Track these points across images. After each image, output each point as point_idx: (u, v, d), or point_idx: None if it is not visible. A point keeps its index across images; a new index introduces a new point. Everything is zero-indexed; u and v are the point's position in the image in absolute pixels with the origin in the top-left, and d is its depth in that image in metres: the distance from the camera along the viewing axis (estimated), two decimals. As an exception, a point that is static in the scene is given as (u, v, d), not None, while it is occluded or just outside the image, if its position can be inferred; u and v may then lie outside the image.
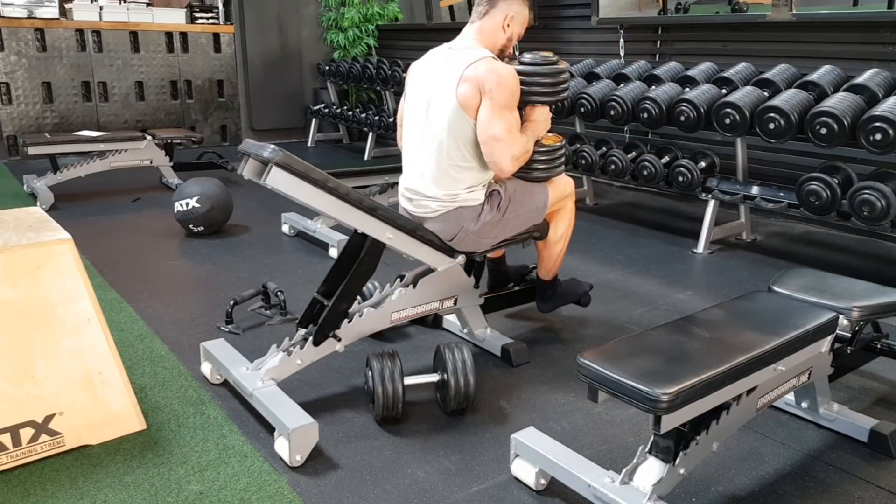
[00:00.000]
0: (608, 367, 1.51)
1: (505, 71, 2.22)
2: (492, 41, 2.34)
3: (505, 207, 2.35)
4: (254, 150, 2.06)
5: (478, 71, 2.19)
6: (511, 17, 2.34)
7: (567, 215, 2.58)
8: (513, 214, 2.38)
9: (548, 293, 2.68)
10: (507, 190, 2.37)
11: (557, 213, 2.55)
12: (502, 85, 2.20)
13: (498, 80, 2.19)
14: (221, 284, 3.27)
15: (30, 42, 5.93)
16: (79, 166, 4.73)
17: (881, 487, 1.84)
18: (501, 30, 2.34)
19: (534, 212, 2.44)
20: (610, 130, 4.89)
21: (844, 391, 2.32)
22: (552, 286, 2.67)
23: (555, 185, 2.49)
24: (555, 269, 2.64)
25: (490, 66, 2.21)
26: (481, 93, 2.19)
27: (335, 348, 2.21)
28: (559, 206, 2.53)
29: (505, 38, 2.36)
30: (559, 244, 2.58)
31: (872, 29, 3.76)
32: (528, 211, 2.42)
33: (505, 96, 2.21)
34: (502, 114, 2.21)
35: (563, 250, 2.60)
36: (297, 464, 1.90)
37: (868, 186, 3.07)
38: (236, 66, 7.00)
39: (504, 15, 2.33)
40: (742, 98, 3.50)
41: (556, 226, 2.56)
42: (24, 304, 1.85)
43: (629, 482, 1.61)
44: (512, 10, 2.34)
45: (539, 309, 2.71)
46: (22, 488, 1.81)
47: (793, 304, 1.91)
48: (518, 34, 2.39)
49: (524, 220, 2.43)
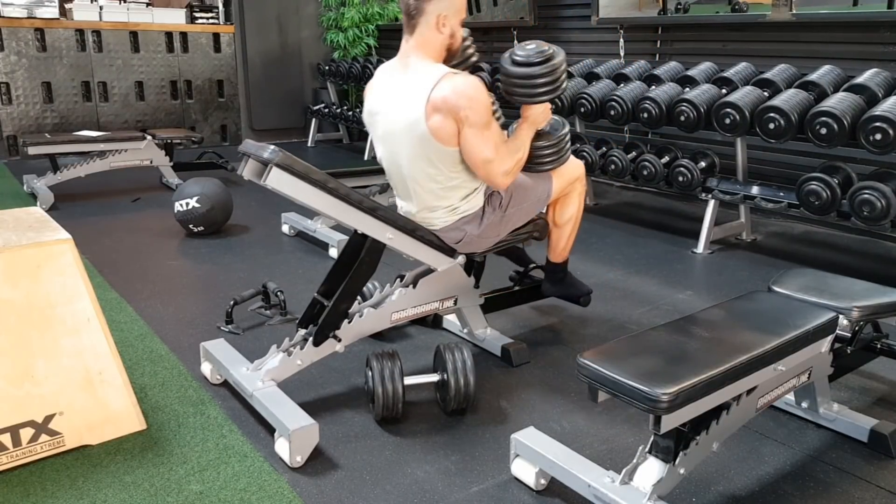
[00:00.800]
0: (608, 367, 1.51)
1: (471, 88, 2.09)
2: (435, 50, 2.18)
3: (507, 204, 2.34)
4: (254, 151, 2.06)
5: (444, 95, 2.07)
6: (443, 15, 2.14)
7: (577, 197, 2.53)
8: (514, 209, 2.37)
9: (557, 276, 2.65)
10: (510, 190, 2.35)
11: (567, 196, 2.51)
12: (475, 106, 2.09)
13: (469, 102, 2.08)
14: (221, 284, 3.27)
15: (30, 42, 5.93)
16: (79, 166, 4.73)
17: (881, 487, 1.84)
18: (438, 32, 2.16)
19: (536, 203, 2.42)
20: (610, 130, 4.89)
21: (844, 391, 2.32)
22: (562, 270, 2.64)
23: (562, 171, 2.45)
24: (565, 252, 2.60)
25: (454, 86, 2.08)
26: (457, 121, 2.09)
27: (335, 349, 2.21)
28: (568, 189, 2.50)
29: (446, 39, 2.19)
30: (569, 225, 2.54)
31: (872, 29, 3.76)
32: (530, 203, 2.40)
33: (481, 114, 2.10)
34: (485, 135, 2.12)
35: (573, 232, 2.57)
36: (297, 465, 1.90)
37: (868, 186, 3.07)
38: (236, 66, 7.00)
39: (435, 17, 2.14)
40: (742, 98, 3.50)
41: (565, 208, 2.52)
42: (24, 304, 1.85)
43: (629, 482, 1.61)
44: (440, 8, 2.14)
45: (543, 291, 2.69)
46: (22, 488, 1.81)
47: (793, 304, 1.91)
48: (457, 25, 2.21)
49: (526, 212, 2.41)
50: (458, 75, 2.13)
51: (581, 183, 2.54)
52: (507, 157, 2.20)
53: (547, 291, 2.69)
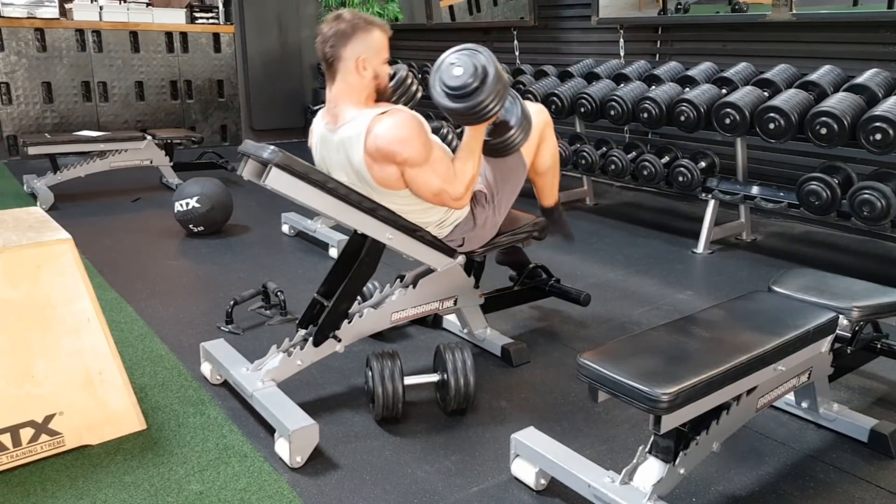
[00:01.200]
0: (608, 367, 1.51)
1: (401, 129, 2.02)
2: (361, 94, 2.09)
3: (492, 195, 2.34)
4: (253, 151, 2.06)
5: (377, 145, 2.01)
6: (362, 58, 2.05)
7: (548, 143, 2.49)
8: (501, 194, 2.36)
9: (554, 217, 2.70)
10: (488, 180, 2.35)
11: (541, 145, 2.46)
12: (409, 146, 2.02)
13: (402, 145, 2.01)
14: (221, 284, 3.27)
15: (30, 42, 5.93)
16: (79, 166, 4.73)
17: (881, 487, 1.84)
18: (359, 76, 2.07)
19: (517, 176, 2.41)
20: (610, 130, 4.89)
21: (844, 391, 2.32)
22: (556, 209, 2.70)
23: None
24: (554, 192, 2.65)
25: (384, 131, 2.01)
26: (397, 165, 2.04)
27: (335, 349, 2.21)
28: (538, 138, 2.44)
29: (369, 81, 2.08)
30: (550, 171, 2.55)
31: (872, 29, 3.76)
32: (514, 181, 2.40)
33: (418, 151, 2.04)
34: (427, 169, 2.07)
35: (556, 174, 2.59)
36: (297, 465, 1.90)
37: (868, 186, 3.07)
38: (236, 66, 7.00)
39: (353, 62, 2.05)
40: (742, 98, 3.50)
41: (540, 155, 2.48)
42: (24, 304, 1.85)
43: (629, 482, 1.61)
44: (357, 52, 2.05)
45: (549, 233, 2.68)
46: (22, 488, 1.81)
47: (793, 304, 1.91)
48: (380, 65, 2.10)
49: (512, 188, 2.40)
50: (387, 116, 2.05)
51: (548, 126, 2.48)
52: (457, 181, 2.12)
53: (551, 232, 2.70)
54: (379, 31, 2.10)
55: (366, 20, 2.09)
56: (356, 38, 2.06)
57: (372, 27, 2.08)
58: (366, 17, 2.11)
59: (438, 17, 6.52)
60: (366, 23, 2.08)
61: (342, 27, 2.07)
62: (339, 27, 2.07)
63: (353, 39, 2.06)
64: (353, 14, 2.10)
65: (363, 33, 2.06)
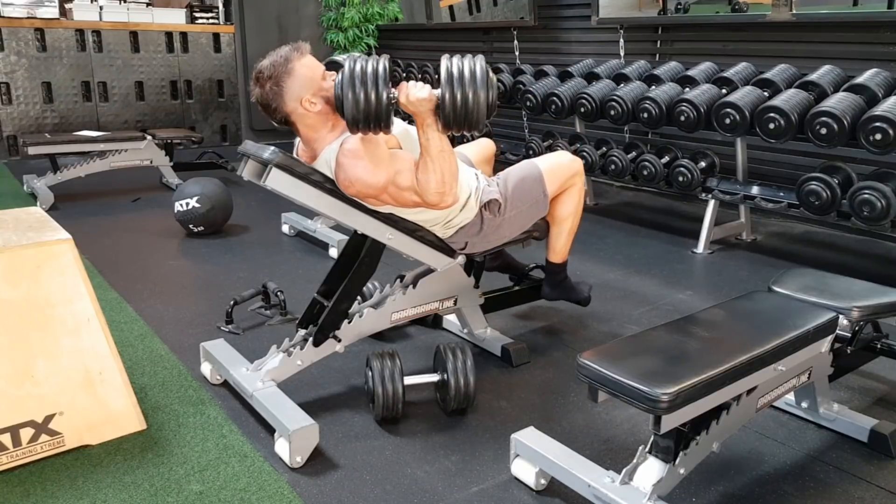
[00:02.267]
0: (608, 367, 1.51)
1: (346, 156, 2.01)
2: (323, 125, 2.09)
3: (505, 209, 2.32)
4: (253, 152, 2.06)
5: (346, 177, 2.02)
6: (304, 98, 2.02)
7: (575, 194, 2.46)
8: (514, 213, 2.34)
9: (556, 278, 2.58)
10: (504, 192, 2.33)
11: (565, 192, 2.44)
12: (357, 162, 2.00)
13: (363, 172, 2.00)
14: (221, 284, 3.27)
15: (30, 42, 5.93)
16: (79, 166, 4.73)
17: (881, 487, 1.84)
18: (313, 112, 2.05)
19: (534, 206, 2.38)
20: (610, 130, 4.89)
21: (844, 391, 2.32)
22: (561, 271, 2.57)
23: (558, 168, 2.41)
24: (564, 251, 2.53)
25: (344, 164, 2.01)
26: (367, 185, 2.02)
27: (335, 349, 2.21)
28: (567, 185, 2.43)
29: (322, 107, 2.05)
30: (567, 221, 2.47)
31: (872, 29, 3.76)
32: (528, 206, 2.37)
33: (371, 164, 2.00)
34: (389, 183, 2.03)
35: (572, 230, 2.50)
36: (297, 465, 1.90)
37: (868, 186, 3.07)
38: (236, 66, 6.99)
39: (298, 105, 2.03)
40: (742, 98, 3.50)
41: (563, 204, 2.45)
42: (24, 304, 1.85)
43: (629, 482, 1.61)
44: (295, 94, 2.02)
45: (543, 295, 2.62)
46: (22, 488, 1.82)
47: (793, 304, 1.91)
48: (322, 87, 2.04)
49: (526, 216, 2.38)
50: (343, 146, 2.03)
51: (579, 178, 2.48)
52: (429, 181, 2.03)
53: (546, 295, 2.63)
54: (298, 63, 2.03)
55: (283, 62, 2.02)
56: (286, 87, 2.02)
57: (290, 64, 2.02)
58: (279, 58, 2.03)
59: (438, 17, 6.52)
60: (284, 64, 2.02)
61: (268, 87, 2.03)
62: (265, 89, 2.04)
63: (284, 90, 2.02)
64: (269, 65, 2.03)
65: (288, 78, 2.02)
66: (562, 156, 2.52)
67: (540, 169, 2.40)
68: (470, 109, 1.92)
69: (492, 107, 1.95)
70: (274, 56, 2.05)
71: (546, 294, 2.63)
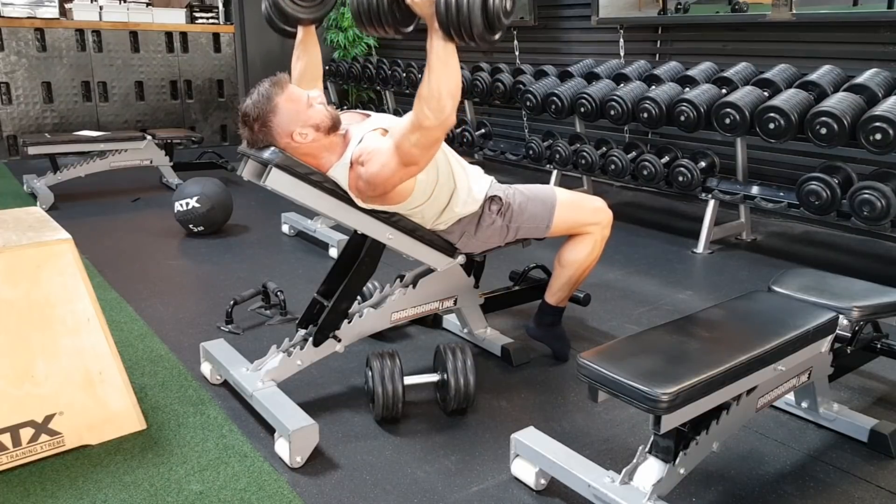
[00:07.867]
0: (608, 367, 1.51)
1: (359, 162, 2.01)
2: (317, 158, 2.08)
3: (508, 216, 2.30)
4: (253, 152, 2.06)
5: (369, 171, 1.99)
6: (295, 132, 2.00)
7: (589, 242, 2.32)
8: (514, 225, 2.31)
9: (546, 319, 2.48)
10: (512, 197, 2.31)
11: (579, 238, 2.34)
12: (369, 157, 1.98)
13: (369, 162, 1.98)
14: (221, 284, 3.27)
15: (30, 42, 5.93)
16: (79, 166, 4.73)
17: (881, 487, 1.84)
18: (305, 141, 2.02)
19: (532, 230, 2.32)
20: (610, 130, 4.89)
21: (844, 391, 2.32)
22: (554, 314, 2.47)
23: (577, 208, 2.34)
24: (561, 294, 2.42)
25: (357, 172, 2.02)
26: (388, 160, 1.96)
27: (335, 349, 2.21)
28: (586, 230, 2.33)
29: (318, 135, 2.03)
30: (571, 269, 2.35)
31: (872, 29, 3.76)
32: (526, 228, 2.32)
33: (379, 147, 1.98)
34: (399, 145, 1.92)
35: (574, 280, 2.37)
36: (297, 465, 1.90)
37: (868, 186, 3.07)
38: (236, 66, 7.00)
39: (289, 139, 2.01)
40: (742, 98, 3.50)
41: (573, 248, 2.34)
42: (24, 304, 1.85)
43: (629, 482, 1.61)
44: (285, 129, 2.00)
45: (527, 331, 2.53)
46: (22, 488, 1.81)
47: (793, 304, 1.91)
48: (310, 115, 2.01)
49: (525, 232, 2.34)
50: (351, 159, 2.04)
51: (600, 228, 2.33)
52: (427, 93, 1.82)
53: (529, 331, 2.52)
54: (281, 98, 2.00)
55: (266, 100, 1.99)
56: (274, 125, 2.00)
57: (272, 102, 1.99)
58: (260, 98, 1.99)
59: (438, 17, 6.51)
60: (267, 103, 1.99)
61: (257, 129, 2.01)
62: (254, 132, 2.02)
63: (273, 128, 2.01)
64: (253, 105, 2.00)
65: (274, 116, 1.99)
66: (591, 200, 2.42)
67: (556, 199, 2.32)
68: (462, 11, 1.68)
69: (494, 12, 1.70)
70: (255, 95, 2.01)
71: (529, 329, 2.53)
